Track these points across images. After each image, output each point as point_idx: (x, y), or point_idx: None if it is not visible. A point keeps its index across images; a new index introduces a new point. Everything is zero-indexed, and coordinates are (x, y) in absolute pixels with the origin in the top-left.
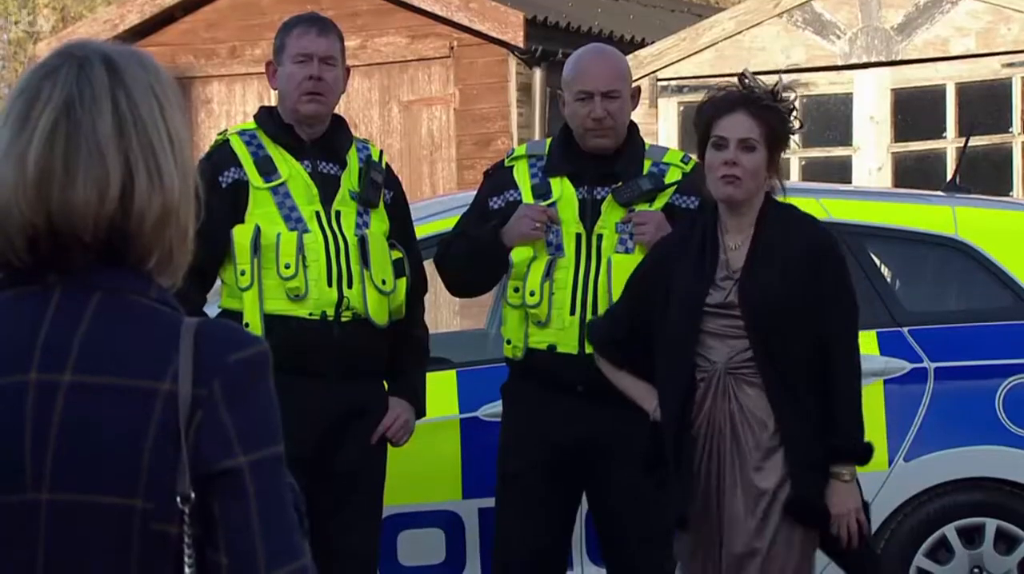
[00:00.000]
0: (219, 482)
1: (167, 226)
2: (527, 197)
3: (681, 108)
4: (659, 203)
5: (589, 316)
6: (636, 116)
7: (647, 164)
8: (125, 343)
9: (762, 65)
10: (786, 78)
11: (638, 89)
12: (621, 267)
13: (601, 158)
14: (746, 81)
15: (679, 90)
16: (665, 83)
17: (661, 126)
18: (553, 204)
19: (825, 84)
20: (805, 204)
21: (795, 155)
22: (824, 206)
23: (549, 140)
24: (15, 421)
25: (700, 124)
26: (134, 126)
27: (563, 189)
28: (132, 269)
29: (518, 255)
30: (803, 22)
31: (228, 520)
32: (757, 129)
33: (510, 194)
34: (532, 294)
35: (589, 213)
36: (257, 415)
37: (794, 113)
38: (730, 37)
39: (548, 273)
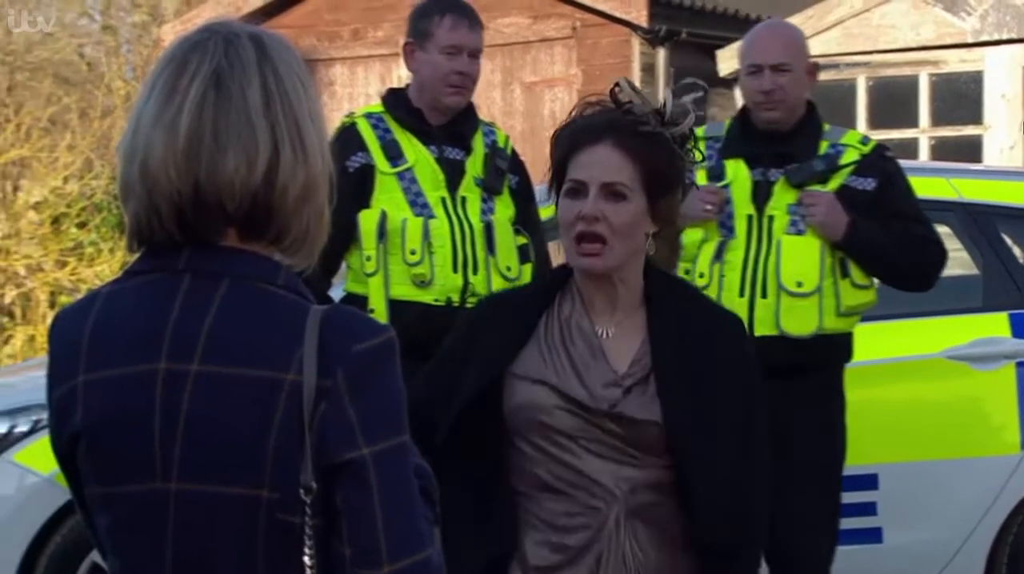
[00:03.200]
0: (342, 473)
1: (307, 202)
2: (701, 180)
3: None
4: (833, 184)
5: (758, 297)
6: None
7: (824, 145)
8: (251, 332)
9: (891, 43)
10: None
11: (815, 65)
12: (792, 248)
13: (776, 138)
14: (620, 95)
15: None
16: None
17: None
18: (727, 186)
19: (955, 62)
20: (935, 184)
21: (924, 134)
22: (954, 186)
23: (728, 122)
24: (145, 410)
25: (555, 159)
26: (280, 100)
27: (737, 171)
28: (264, 254)
29: (689, 237)
30: None
31: (351, 511)
32: (630, 169)
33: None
34: (702, 276)
35: (761, 195)
36: (382, 405)
37: (689, 142)
38: (858, 15)
39: (719, 255)
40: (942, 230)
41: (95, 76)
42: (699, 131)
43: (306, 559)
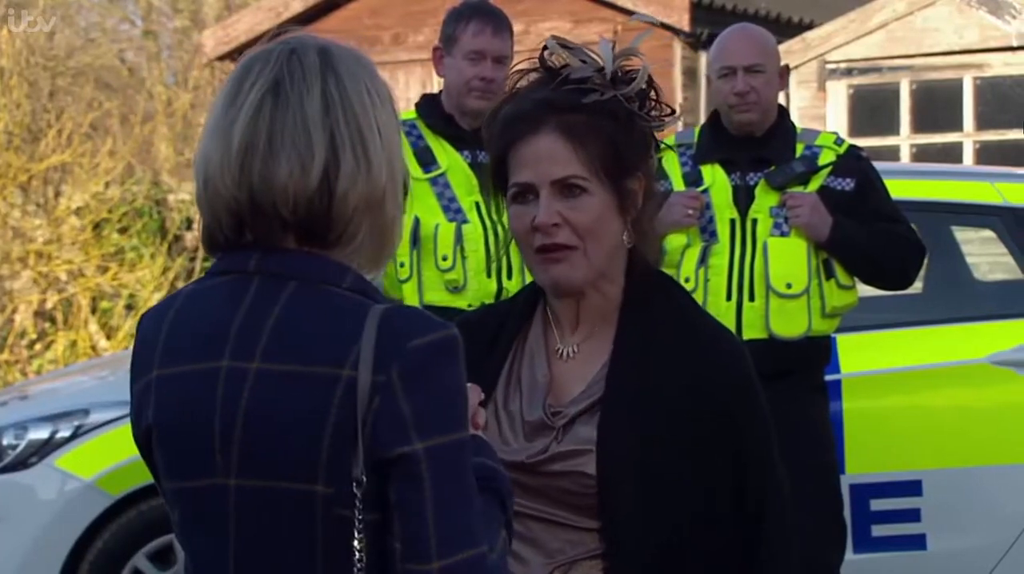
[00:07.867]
0: (394, 468)
1: (370, 210)
2: (678, 186)
3: (851, 91)
4: (814, 185)
5: (746, 300)
6: (804, 99)
7: (799, 147)
8: (311, 330)
9: (934, 46)
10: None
11: (786, 68)
12: (779, 250)
13: (752, 142)
14: (551, 60)
15: (848, 73)
16: (834, 66)
17: (830, 109)
18: (706, 191)
19: (1000, 65)
20: (980, 189)
21: (969, 138)
22: (999, 190)
23: (697, 128)
24: (208, 407)
25: (491, 159)
26: (342, 108)
27: (715, 176)
28: (331, 257)
29: (672, 243)
30: (977, 2)
31: (402, 505)
32: (582, 154)
33: (661, 185)
34: (687, 280)
35: (743, 198)
36: (437, 401)
37: (652, 95)
38: (901, 18)
39: (703, 259)
40: (986, 234)
41: (136, 81)
42: (668, 139)
43: (355, 554)
